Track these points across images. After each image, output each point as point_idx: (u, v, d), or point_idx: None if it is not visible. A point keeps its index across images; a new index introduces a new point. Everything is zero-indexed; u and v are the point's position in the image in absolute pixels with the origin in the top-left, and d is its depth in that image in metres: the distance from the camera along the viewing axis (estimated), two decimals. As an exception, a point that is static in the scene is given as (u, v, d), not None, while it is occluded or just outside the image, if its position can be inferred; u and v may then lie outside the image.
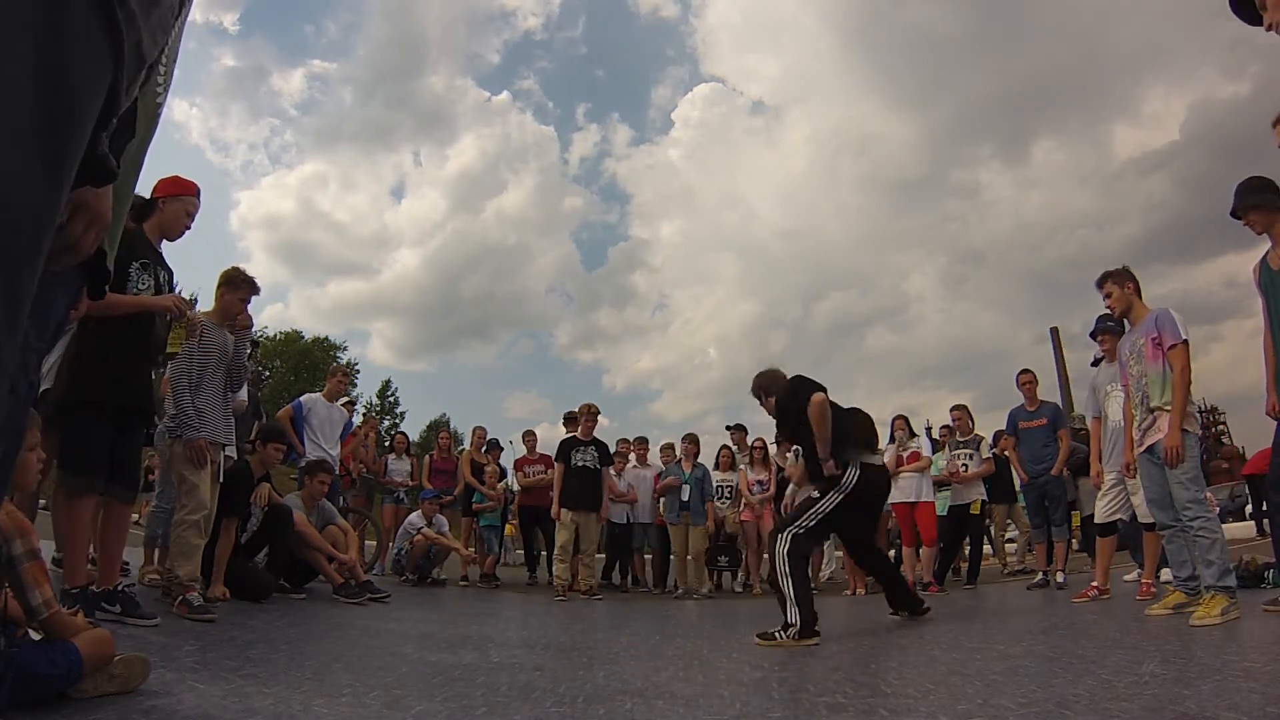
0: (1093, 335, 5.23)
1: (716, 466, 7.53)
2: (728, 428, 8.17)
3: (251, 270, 3.93)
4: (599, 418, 6.79)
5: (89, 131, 0.80)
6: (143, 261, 2.99)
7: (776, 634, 3.38)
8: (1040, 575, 6.34)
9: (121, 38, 0.80)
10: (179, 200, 3.21)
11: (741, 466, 7.42)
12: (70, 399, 2.86)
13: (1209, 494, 12.88)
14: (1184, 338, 3.73)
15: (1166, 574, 4.78)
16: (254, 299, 3.86)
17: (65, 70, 0.74)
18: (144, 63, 0.88)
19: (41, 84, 0.72)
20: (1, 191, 0.69)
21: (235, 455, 4.90)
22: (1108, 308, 4.16)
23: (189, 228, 3.30)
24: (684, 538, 6.93)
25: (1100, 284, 4.14)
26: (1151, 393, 3.82)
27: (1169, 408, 3.70)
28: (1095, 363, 5.56)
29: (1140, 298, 4.05)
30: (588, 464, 6.54)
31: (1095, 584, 4.85)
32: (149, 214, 3.16)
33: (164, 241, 3.25)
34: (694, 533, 6.95)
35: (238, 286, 3.69)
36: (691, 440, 7.41)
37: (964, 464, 6.93)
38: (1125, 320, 4.17)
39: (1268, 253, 3.52)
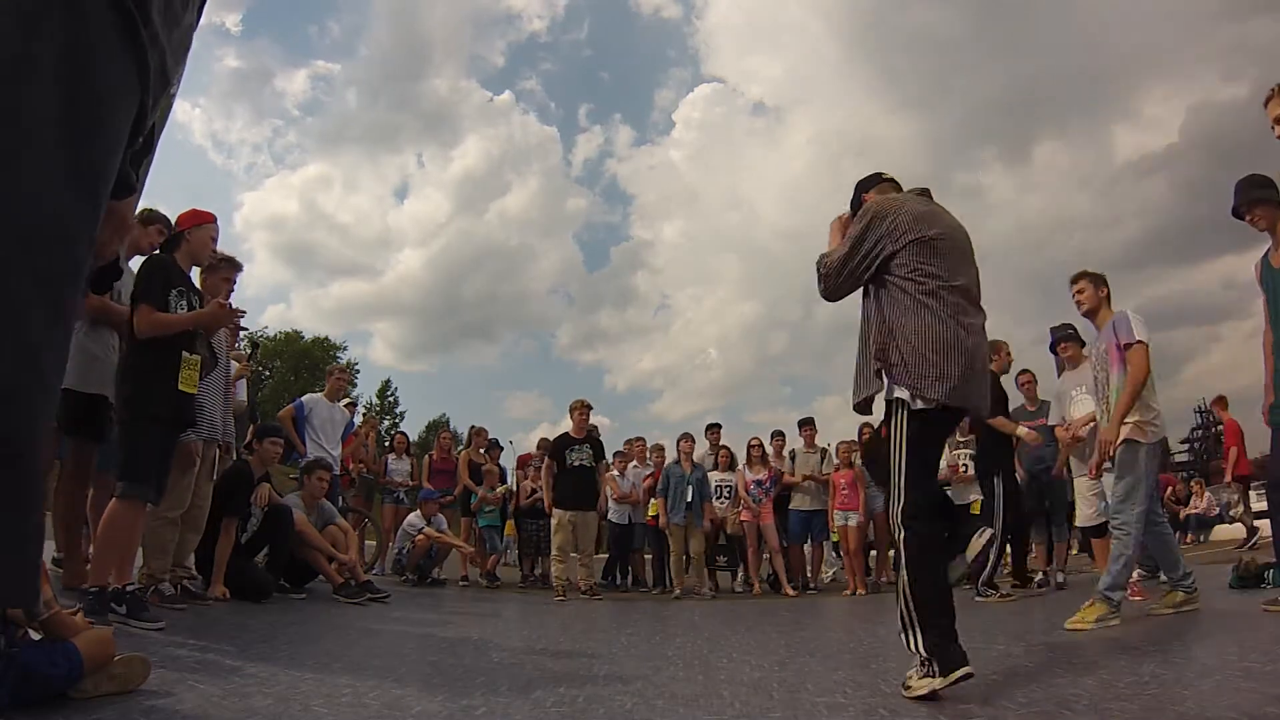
0: (1052, 348, 5.27)
1: (715, 466, 7.51)
2: (708, 427, 8.18)
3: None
4: (591, 413, 6.74)
5: (120, 153, 0.82)
6: (179, 289, 3.25)
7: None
8: (1040, 575, 6.34)
9: (147, 61, 0.81)
10: (203, 229, 3.51)
11: (740, 466, 7.42)
12: (130, 413, 3.07)
13: (1208, 494, 12.75)
14: (1139, 338, 3.70)
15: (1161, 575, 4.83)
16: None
17: (96, 96, 0.76)
18: (168, 82, 0.90)
19: (75, 111, 0.73)
20: (42, 218, 0.71)
21: (234, 456, 4.92)
22: (1077, 303, 4.11)
23: (214, 252, 3.62)
24: (683, 539, 6.90)
25: (1074, 280, 4.11)
26: (1114, 400, 3.79)
27: (1131, 419, 3.66)
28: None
29: (1109, 305, 4.01)
30: (583, 462, 6.44)
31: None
32: (177, 245, 3.44)
33: (192, 267, 3.54)
34: (693, 534, 6.94)
35: (216, 268, 3.78)
36: (689, 439, 7.39)
37: (964, 464, 6.92)
38: (1091, 322, 4.11)
39: (1268, 250, 3.50)
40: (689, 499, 6.85)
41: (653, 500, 7.32)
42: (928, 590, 2.02)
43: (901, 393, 2.17)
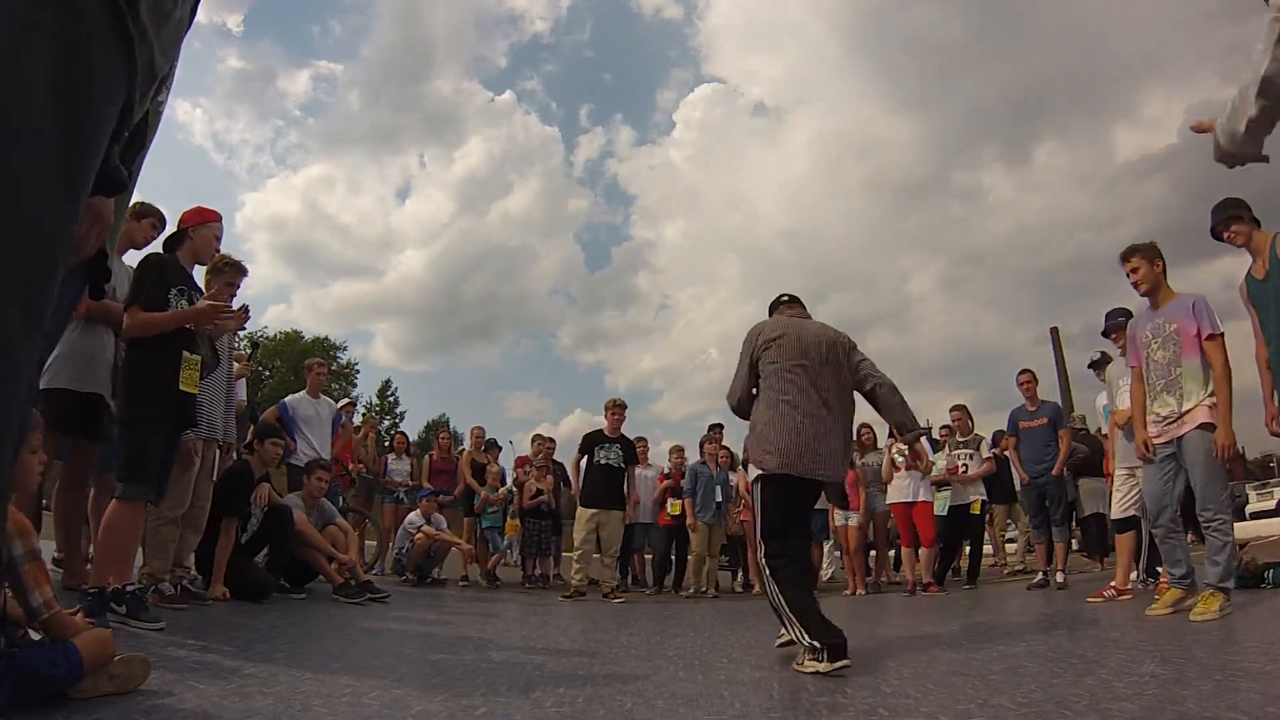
0: (1106, 334, 5.07)
1: (715, 466, 7.51)
2: (710, 427, 8.18)
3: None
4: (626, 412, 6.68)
5: (104, 147, 0.82)
6: (180, 288, 3.22)
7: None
8: (1040, 575, 6.34)
9: (135, 55, 0.81)
10: (207, 227, 3.48)
11: (740, 466, 7.41)
12: (130, 413, 3.06)
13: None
14: (1221, 330, 3.66)
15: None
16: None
17: (82, 89, 0.76)
18: (155, 78, 0.90)
19: (60, 103, 0.73)
20: (21, 209, 0.70)
21: (235, 456, 4.93)
22: (1133, 284, 3.90)
23: (218, 250, 3.58)
24: (705, 538, 6.89)
25: (1125, 258, 3.90)
26: (1187, 388, 3.67)
27: (1206, 403, 3.62)
28: (1093, 364, 5.52)
29: (1166, 279, 3.88)
30: (611, 462, 6.37)
31: (1114, 584, 4.74)
32: (180, 244, 3.41)
33: (195, 266, 3.51)
34: (715, 533, 6.95)
35: (220, 272, 3.77)
36: (713, 441, 7.38)
37: (964, 464, 6.93)
38: (1150, 301, 3.93)
39: (1251, 266, 3.54)
40: (719, 498, 6.88)
41: (672, 500, 7.34)
42: (798, 600, 2.58)
43: (755, 470, 2.88)
